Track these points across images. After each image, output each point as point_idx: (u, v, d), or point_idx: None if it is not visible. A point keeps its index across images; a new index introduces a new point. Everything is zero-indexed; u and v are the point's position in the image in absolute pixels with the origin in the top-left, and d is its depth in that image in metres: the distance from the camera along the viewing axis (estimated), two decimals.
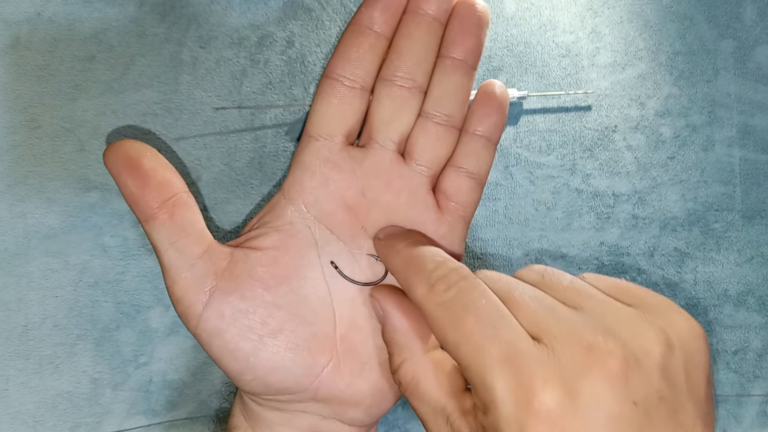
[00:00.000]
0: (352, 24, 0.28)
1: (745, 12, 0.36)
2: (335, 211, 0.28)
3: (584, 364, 0.20)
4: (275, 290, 0.27)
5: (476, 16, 0.28)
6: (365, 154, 0.28)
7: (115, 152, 0.27)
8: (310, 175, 0.28)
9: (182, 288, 0.27)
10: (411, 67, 0.28)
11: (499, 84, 0.29)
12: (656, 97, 0.36)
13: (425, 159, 0.28)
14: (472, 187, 0.29)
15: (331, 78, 0.28)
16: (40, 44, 0.34)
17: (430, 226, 0.29)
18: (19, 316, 0.34)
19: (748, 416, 0.36)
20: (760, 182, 0.36)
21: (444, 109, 0.28)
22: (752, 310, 0.36)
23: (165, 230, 0.27)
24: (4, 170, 0.34)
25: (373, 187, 0.28)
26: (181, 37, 0.34)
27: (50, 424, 0.34)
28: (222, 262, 0.27)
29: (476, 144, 0.29)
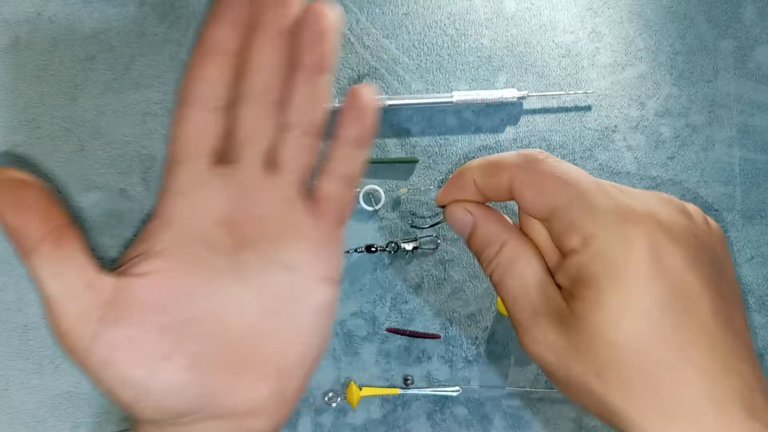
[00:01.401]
0: (200, 45, 0.28)
1: (745, 12, 0.36)
2: (212, 230, 0.28)
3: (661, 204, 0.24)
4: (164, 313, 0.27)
5: (324, 23, 0.28)
6: (233, 171, 0.28)
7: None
8: (181, 199, 0.28)
9: (68, 321, 0.26)
10: (266, 83, 0.28)
11: (366, 89, 0.29)
12: (656, 97, 0.36)
13: (293, 168, 0.29)
14: (344, 191, 0.29)
15: (187, 101, 0.28)
16: (40, 44, 0.34)
17: (307, 232, 0.29)
18: (19, 316, 0.34)
19: None
20: (760, 182, 0.36)
21: (303, 118, 0.29)
22: (752, 310, 0.36)
23: (49, 262, 0.26)
24: None
25: (245, 201, 0.28)
26: (181, 37, 0.34)
27: (50, 424, 0.34)
28: (108, 291, 0.26)
29: (345, 149, 0.29)
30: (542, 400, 0.35)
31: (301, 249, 0.28)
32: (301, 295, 0.28)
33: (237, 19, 0.27)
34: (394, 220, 0.35)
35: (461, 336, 0.35)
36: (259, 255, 0.28)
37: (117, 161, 0.34)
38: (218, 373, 0.27)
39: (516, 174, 0.26)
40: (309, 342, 0.28)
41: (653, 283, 0.23)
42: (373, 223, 0.35)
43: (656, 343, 0.23)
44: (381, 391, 0.35)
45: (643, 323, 0.23)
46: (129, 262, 0.28)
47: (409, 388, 0.35)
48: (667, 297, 0.23)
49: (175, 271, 0.27)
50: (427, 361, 0.35)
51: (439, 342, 0.35)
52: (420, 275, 0.35)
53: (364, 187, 0.35)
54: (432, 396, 0.35)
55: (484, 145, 0.35)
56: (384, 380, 0.35)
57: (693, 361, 0.23)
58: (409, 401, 0.35)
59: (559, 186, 0.25)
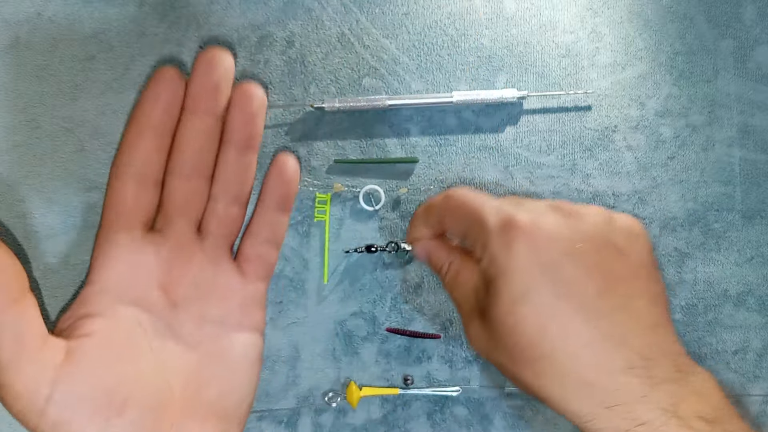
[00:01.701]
0: (134, 122, 0.29)
1: (745, 12, 0.36)
2: (148, 292, 0.30)
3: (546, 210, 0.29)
4: (112, 370, 0.28)
5: (253, 106, 0.30)
6: (165, 237, 0.30)
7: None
8: (117, 265, 0.29)
9: (22, 384, 0.26)
10: (195, 160, 0.30)
11: (291, 159, 0.32)
12: (656, 97, 0.36)
13: (220, 234, 0.31)
14: (269, 252, 0.32)
15: (121, 176, 0.29)
16: (40, 44, 0.34)
17: (234, 290, 0.31)
18: None
19: (748, 416, 0.36)
20: (760, 182, 0.36)
21: (230, 190, 0.31)
22: (752, 310, 0.36)
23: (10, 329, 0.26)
24: (4, 170, 0.33)
25: (177, 265, 0.30)
26: (181, 37, 0.34)
27: None
28: (60, 353, 0.27)
29: (270, 215, 0.32)
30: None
31: (230, 305, 0.31)
32: (231, 346, 0.31)
33: (171, 101, 0.29)
34: (394, 220, 0.35)
35: (461, 336, 0.35)
36: (192, 313, 0.31)
37: None
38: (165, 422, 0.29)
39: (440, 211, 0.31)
40: (242, 385, 0.31)
41: (534, 276, 0.27)
42: (373, 223, 0.35)
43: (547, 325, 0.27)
44: (381, 391, 0.35)
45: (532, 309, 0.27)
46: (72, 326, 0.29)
47: (409, 388, 0.35)
48: (550, 285, 0.27)
49: (119, 331, 0.29)
50: (427, 361, 0.35)
51: (439, 342, 0.35)
52: (420, 275, 0.35)
53: (364, 187, 0.35)
54: (432, 396, 0.35)
55: (484, 145, 0.35)
56: (384, 380, 0.35)
57: (580, 337, 0.27)
58: (409, 401, 0.35)
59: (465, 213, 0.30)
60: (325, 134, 0.35)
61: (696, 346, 0.36)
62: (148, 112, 0.29)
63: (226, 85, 0.30)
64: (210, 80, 0.29)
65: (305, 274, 0.35)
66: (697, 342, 0.36)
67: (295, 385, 0.35)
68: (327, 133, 0.35)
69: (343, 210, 0.35)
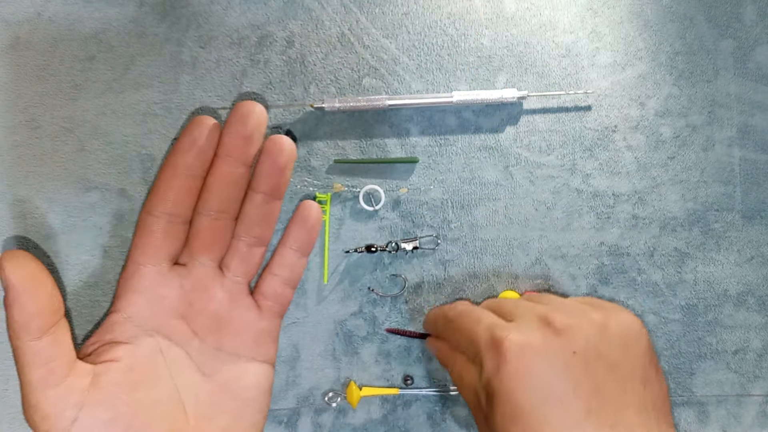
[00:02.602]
0: (169, 166, 0.31)
1: (745, 12, 0.36)
2: (170, 322, 0.32)
3: (538, 326, 0.28)
4: (135, 395, 0.30)
5: (282, 159, 0.31)
6: (189, 272, 0.32)
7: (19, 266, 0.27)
8: (144, 297, 0.31)
9: (50, 405, 0.28)
10: (222, 203, 0.32)
11: (315, 207, 0.33)
12: (656, 97, 0.36)
13: (240, 271, 0.33)
14: (286, 291, 0.34)
15: (153, 215, 0.31)
16: (40, 44, 0.34)
17: (251, 322, 0.33)
18: None
19: (748, 416, 0.36)
20: (760, 182, 0.36)
21: (254, 233, 0.32)
22: (752, 310, 0.36)
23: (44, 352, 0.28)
24: (4, 170, 0.33)
25: (199, 297, 0.32)
26: (181, 37, 0.34)
27: None
28: (86, 378, 0.29)
29: (291, 257, 0.33)
30: None
31: (244, 338, 0.33)
32: (244, 376, 0.33)
33: (204, 150, 0.31)
34: (394, 220, 0.35)
35: None
36: (209, 343, 0.32)
37: (117, 161, 0.34)
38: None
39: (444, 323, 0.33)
40: (252, 414, 0.32)
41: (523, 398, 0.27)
42: (373, 223, 0.35)
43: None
44: (381, 391, 0.35)
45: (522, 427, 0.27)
46: (99, 350, 0.30)
47: (409, 388, 0.35)
48: (538, 406, 0.27)
49: (142, 357, 0.31)
50: (427, 361, 0.35)
51: None
52: (420, 275, 0.35)
53: (364, 187, 0.35)
54: (432, 396, 0.35)
55: (484, 145, 0.35)
56: (384, 380, 0.35)
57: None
58: (409, 401, 0.35)
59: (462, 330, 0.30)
60: (325, 134, 0.35)
61: (696, 346, 0.36)
62: (182, 156, 0.31)
63: (258, 137, 0.31)
64: (243, 131, 0.31)
65: (305, 274, 0.35)
66: (697, 342, 0.36)
67: (295, 385, 0.35)
68: (327, 133, 0.35)
69: (343, 210, 0.35)
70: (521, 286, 0.35)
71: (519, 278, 0.35)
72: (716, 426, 0.36)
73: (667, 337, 0.36)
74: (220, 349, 0.32)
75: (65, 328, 0.29)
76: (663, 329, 0.36)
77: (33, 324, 0.27)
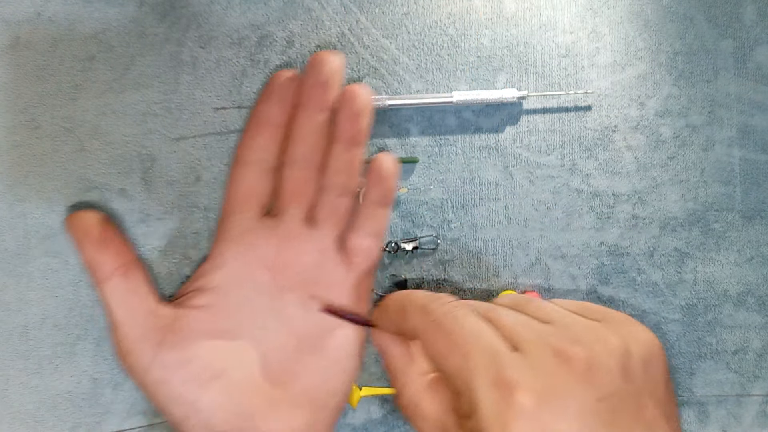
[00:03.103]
0: (254, 117, 0.33)
1: (745, 12, 0.36)
2: (257, 273, 0.32)
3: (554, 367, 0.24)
4: (214, 341, 0.31)
5: (359, 105, 0.32)
6: (278, 223, 0.32)
7: (78, 221, 0.31)
8: (234, 245, 0.32)
9: (131, 342, 0.30)
10: (307, 152, 0.32)
11: (389, 158, 0.33)
12: (656, 97, 0.36)
13: (328, 224, 0.33)
14: (372, 245, 0.33)
15: (242, 164, 0.33)
16: (40, 44, 0.34)
17: (340, 279, 0.33)
18: (19, 316, 0.34)
19: (748, 416, 0.36)
20: (760, 182, 0.36)
21: (339, 183, 0.32)
22: (752, 310, 0.36)
23: (118, 291, 0.31)
24: (4, 170, 0.34)
25: (287, 250, 0.32)
26: (181, 37, 0.34)
27: (50, 424, 0.34)
28: (166, 319, 0.31)
29: (372, 209, 0.33)
30: None
31: (333, 295, 0.32)
32: (332, 335, 0.32)
33: (285, 98, 0.32)
34: (394, 220, 0.35)
35: None
36: (296, 298, 0.32)
37: (117, 161, 0.34)
38: (256, 400, 0.31)
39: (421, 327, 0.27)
40: (336, 377, 0.32)
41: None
42: None
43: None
44: (381, 391, 0.35)
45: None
46: (185, 296, 0.32)
47: None
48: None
49: (226, 306, 0.31)
50: None
51: None
52: (420, 275, 0.35)
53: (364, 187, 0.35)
54: None
55: (484, 145, 0.35)
56: (384, 380, 0.35)
57: None
58: None
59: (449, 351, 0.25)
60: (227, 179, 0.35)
61: (696, 346, 0.36)
62: (264, 106, 0.32)
63: (335, 83, 0.32)
64: (320, 78, 0.31)
65: None
66: (697, 342, 0.36)
67: None
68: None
69: None
70: (521, 286, 0.35)
71: (519, 278, 0.35)
72: (716, 426, 0.36)
73: (667, 337, 0.36)
74: (306, 305, 0.32)
75: (138, 270, 0.31)
76: (663, 329, 0.36)
77: (98, 267, 0.30)
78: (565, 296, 0.35)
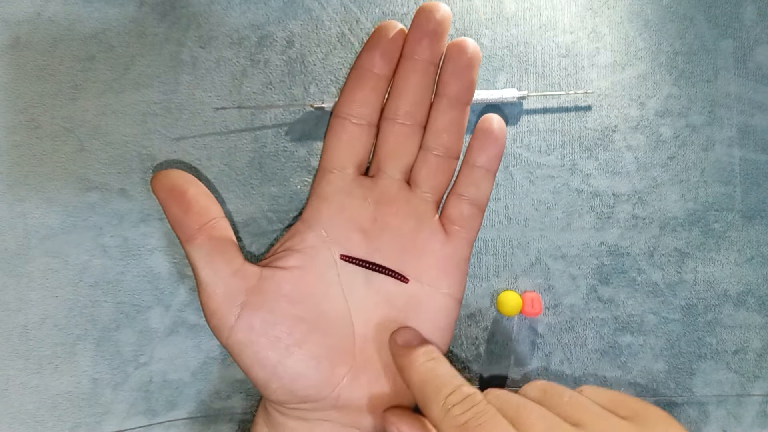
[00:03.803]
0: (356, 67, 0.31)
1: (745, 12, 0.36)
2: (351, 235, 0.31)
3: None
4: (299, 305, 0.30)
5: (467, 57, 0.30)
6: (375, 183, 0.31)
7: (162, 180, 0.30)
8: (327, 204, 0.31)
9: (216, 302, 0.29)
10: (410, 106, 0.31)
11: (497, 119, 0.31)
12: (656, 97, 0.36)
13: (428, 186, 0.31)
14: (473, 213, 0.32)
15: (340, 117, 0.31)
16: (40, 44, 0.34)
17: (437, 247, 0.31)
18: (19, 316, 0.34)
19: (748, 416, 0.36)
20: (760, 182, 0.36)
21: (442, 142, 0.31)
22: (752, 310, 0.36)
23: (203, 250, 0.29)
24: (4, 170, 0.34)
25: (383, 212, 0.31)
26: (181, 37, 0.34)
27: (50, 424, 0.34)
28: (252, 280, 0.30)
29: (476, 174, 0.31)
30: None
31: (428, 264, 0.31)
32: (423, 306, 0.31)
33: (389, 49, 0.30)
34: None
35: (461, 336, 0.35)
36: (389, 263, 0.31)
37: (117, 161, 0.34)
38: (341, 368, 0.30)
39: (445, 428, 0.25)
40: None
41: None
42: None
43: None
44: None
45: None
46: (274, 256, 0.31)
47: None
48: None
49: (314, 269, 0.30)
50: None
51: None
52: None
53: None
54: None
55: None
56: None
57: None
58: None
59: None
60: (325, 134, 0.35)
61: (696, 346, 0.36)
62: (367, 55, 0.30)
63: (444, 33, 0.30)
64: (427, 27, 0.30)
65: None
66: (697, 342, 0.36)
67: None
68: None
69: None
70: (521, 286, 0.35)
71: (519, 278, 0.35)
72: (716, 426, 0.36)
73: (667, 337, 0.36)
74: (399, 271, 0.31)
75: (224, 230, 0.30)
76: (663, 329, 0.36)
77: (183, 226, 0.29)
78: (565, 296, 0.35)
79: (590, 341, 0.35)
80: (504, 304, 0.33)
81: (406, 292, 0.31)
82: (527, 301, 0.34)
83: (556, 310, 0.35)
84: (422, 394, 0.27)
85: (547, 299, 0.35)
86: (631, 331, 0.35)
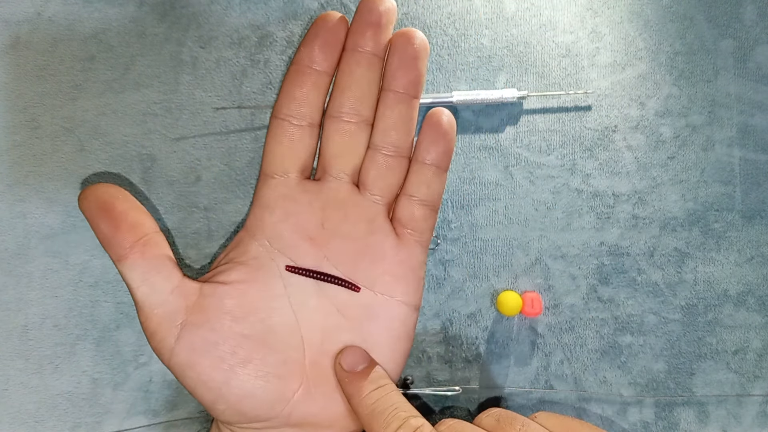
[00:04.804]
0: (294, 64, 0.29)
1: (745, 12, 0.36)
2: (298, 243, 0.29)
3: None
4: (243, 321, 0.28)
5: (414, 49, 0.28)
6: (321, 187, 0.29)
7: (89, 197, 0.27)
8: (270, 212, 0.29)
9: (155, 323, 0.27)
10: (355, 102, 0.29)
11: (446, 113, 0.30)
12: (656, 97, 0.36)
13: (378, 188, 0.29)
14: (425, 214, 0.30)
15: (279, 118, 0.29)
16: (40, 44, 0.34)
17: (389, 253, 0.29)
18: (19, 316, 0.34)
19: (748, 416, 0.36)
20: (760, 182, 0.36)
21: (391, 140, 0.29)
22: (752, 310, 0.36)
23: (137, 269, 0.27)
24: (4, 170, 0.34)
25: (331, 217, 0.29)
26: (181, 37, 0.34)
27: (50, 424, 0.34)
28: (192, 297, 0.28)
29: (426, 173, 0.30)
30: (542, 400, 0.35)
31: (381, 270, 0.29)
32: (377, 315, 0.29)
33: (330, 41, 0.28)
34: None
35: (461, 336, 0.35)
36: (339, 271, 0.29)
37: (117, 161, 0.34)
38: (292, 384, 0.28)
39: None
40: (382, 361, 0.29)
41: None
42: None
43: None
44: None
45: None
46: (216, 269, 0.29)
47: (409, 388, 0.35)
48: None
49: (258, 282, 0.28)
50: (427, 362, 0.35)
51: (440, 342, 0.35)
52: None
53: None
54: (432, 396, 0.35)
55: (484, 145, 0.35)
56: None
57: None
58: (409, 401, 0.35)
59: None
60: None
61: (696, 346, 0.36)
62: (306, 50, 0.28)
63: (389, 24, 0.28)
64: (371, 17, 0.28)
65: None
66: (697, 342, 0.36)
67: None
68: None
69: None
70: (521, 286, 0.35)
71: (519, 278, 0.35)
72: (716, 426, 0.36)
73: (667, 337, 0.36)
74: (350, 279, 0.29)
75: (159, 246, 0.28)
76: (663, 329, 0.36)
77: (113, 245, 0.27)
78: (565, 296, 0.35)
79: (590, 341, 0.35)
80: (504, 304, 0.33)
81: (359, 301, 0.29)
82: (527, 301, 0.34)
83: (556, 310, 0.35)
84: (370, 428, 0.26)
85: (547, 299, 0.35)
86: (631, 331, 0.35)
